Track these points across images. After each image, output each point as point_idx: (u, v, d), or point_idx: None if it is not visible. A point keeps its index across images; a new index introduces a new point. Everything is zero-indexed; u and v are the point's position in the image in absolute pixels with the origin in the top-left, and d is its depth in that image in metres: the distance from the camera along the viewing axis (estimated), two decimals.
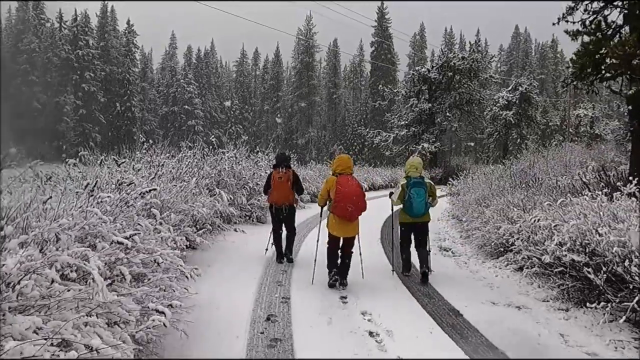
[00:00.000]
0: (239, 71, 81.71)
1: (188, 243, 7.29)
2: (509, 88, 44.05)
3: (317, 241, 7.17)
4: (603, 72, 10.76)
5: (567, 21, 11.49)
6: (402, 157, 34.23)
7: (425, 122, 32.52)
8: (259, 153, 14.62)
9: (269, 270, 7.43)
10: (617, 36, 10.51)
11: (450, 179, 18.58)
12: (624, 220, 5.67)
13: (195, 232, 7.58)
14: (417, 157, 8.25)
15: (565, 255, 5.96)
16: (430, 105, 32.17)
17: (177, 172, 9.48)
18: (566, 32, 11.21)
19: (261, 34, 79.74)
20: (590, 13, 11.11)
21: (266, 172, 12.70)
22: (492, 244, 8.46)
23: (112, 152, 10.11)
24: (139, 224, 4.63)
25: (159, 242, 4.99)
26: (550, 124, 49.37)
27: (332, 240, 6.74)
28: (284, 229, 8.16)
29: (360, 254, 7.01)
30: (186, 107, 68.87)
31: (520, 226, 7.99)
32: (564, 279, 6.21)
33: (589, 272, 5.44)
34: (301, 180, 8.53)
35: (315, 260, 6.95)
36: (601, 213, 6.04)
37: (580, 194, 9.68)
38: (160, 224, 5.47)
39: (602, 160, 25.60)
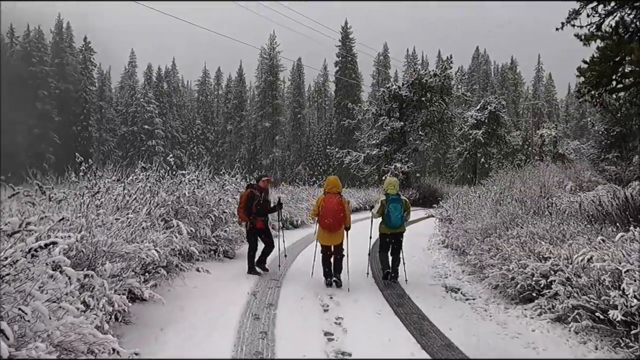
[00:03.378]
0: (201, 90, 79.51)
1: (133, 296, 5.45)
2: (478, 107, 43.57)
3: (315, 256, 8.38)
4: (618, 81, 9.56)
5: (573, 25, 10.24)
6: (374, 177, 32.82)
7: (397, 142, 31.23)
8: (225, 175, 12.76)
9: (244, 333, 5.59)
10: (636, 39, 9.32)
11: (435, 204, 17.22)
12: None
13: (143, 282, 5.71)
14: (393, 177, 9.57)
15: None
16: (401, 123, 30.93)
17: (123, 201, 7.57)
18: (576, 36, 9.92)
19: (224, 53, 77.88)
20: (603, 15, 9.91)
21: (234, 198, 11.06)
22: (517, 285, 6.87)
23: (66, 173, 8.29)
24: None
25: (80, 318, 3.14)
26: (512, 143, 49.03)
27: (323, 249, 8.11)
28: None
29: (348, 262, 8.07)
30: (146, 126, 66.12)
31: (552, 264, 6.48)
32: None
33: None
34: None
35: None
36: None
37: (604, 223, 8.33)
38: (81, 287, 3.61)
39: (579, 180, 24.88)
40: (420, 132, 31.65)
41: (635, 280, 4.74)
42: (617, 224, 7.15)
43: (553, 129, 46.35)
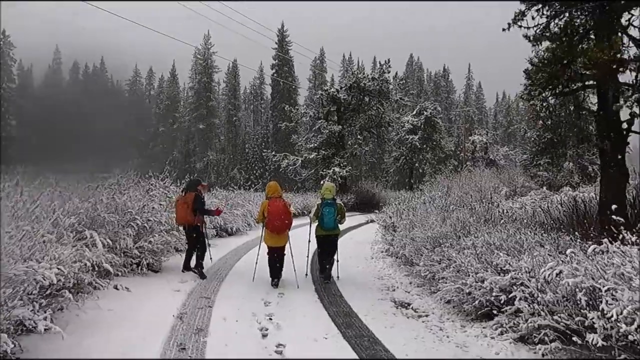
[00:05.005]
0: (131, 90, 76.14)
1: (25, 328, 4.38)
2: (414, 112, 43.97)
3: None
4: (564, 85, 9.31)
5: (520, 26, 9.94)
6: (312, 181, 32.14)
7: (335, 145, 30.70)
8: (152, 178, 11.57)
9: None
10: (585, 42, 9.09)
11: (376, 210, 16.75)
12: None
13: (39, 310, 4.62)
14: (330, 181, 10.25)
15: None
16: (340, 127, 30.43)
17: (23, 208, 6.35)
18: (525, 36, 9.62)
19: (156, 52, 74.98)
20: (549, 17, 9.65)
21: (160, 204, 10.01)
22: (475, 301, 6.28)
23: None
24: None
25: None
26: (446, 149, 50.06)
27: (269, 251, 8.51)
28: None
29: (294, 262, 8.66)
30: None
31: (513, 278, 5.94)
32: None
33: None
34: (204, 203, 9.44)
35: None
36: None
37: (559, 230, 7.96)
38: None
39: (513, 186, 25.32)
40: (358, 136, 31.30)
41: (617, 301, 4.19)
42: (576, 233, 6.75)
43: (484, 136, 47.56)
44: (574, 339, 4.58)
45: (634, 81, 8.27)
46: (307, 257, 9.30)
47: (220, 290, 7.90)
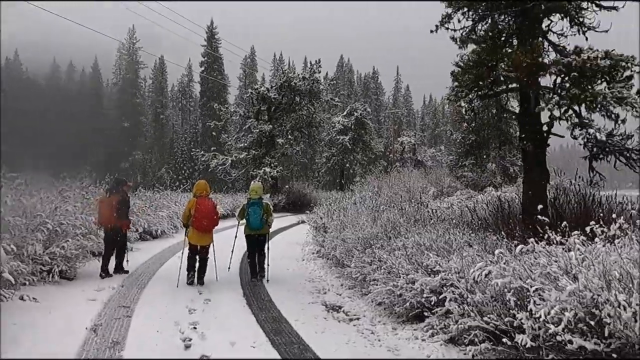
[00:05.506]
0: (49, 85, 71.84)
1: None
2: (345, 113, 44.31)
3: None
4: (489, 87, 9.52)
5: (447, 29, 10.09)
6: (242, 182, 31.58)
7: (266, 145, 30.27)
8: (67, 179, 10.79)
9: None
10: (509, 45, 9.34)
11: (307, 210, 16.58)
12: None
13: None
14: (258, 182, 10.47)
15: (567, 339, 3.87)
16: (270, 126, 30.05)
17: None
18: (452, 38, 9.77)
19: (76, 45, 71.10)
20: (475, 20, 9.84)
21: (75, 206, 9.36)
22: (406, 303, 6.21)
23: None
24: None
25: None
26: (375, 150, 50.88)
27: (191, 248, 8.49)
28: None
29: (215, 260, 8.78)
30: None
31: (443, 279, 5.93)
32: None
33: None
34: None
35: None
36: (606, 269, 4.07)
37: (486, 230, 8.10)
38: None
39: (440, 186, 26.03)
40: (289, 136, 31.04)
41: (544, 301, 4.20)
42: (502, 233, 6.86)
43: (412, 137, 48.73)
44: (504, 339, 4.57)
45: (554, 84, 8.57)
46: (232, 251, 9.54)
47: (142, 297, 7.41)
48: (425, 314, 5.97)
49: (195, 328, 5.98)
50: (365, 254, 7.95)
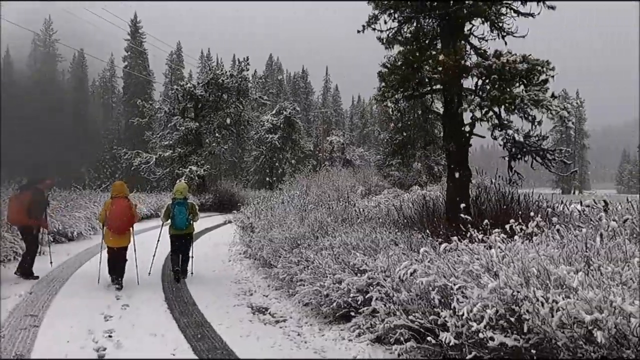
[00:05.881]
0: None
1: None
2: (274, 112, 44.09)
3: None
4: (414, 88, 9.69)
5: (374, 29, 10.17)
6: (168, 181, 30.57)
7: (192, 143, 29.49)
8: None
9: None
10: (433, 47, 9.54)
11: (235, 210, 16.26)
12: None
13: None
14: (184, 182, 10.56)
15: (488, 336, 3.93)
16: (197, 124, 29.30)
17: None
18: (379, 39, 9.87)
19: None
20: (400, 22, 9.98)
21: None
22: (333, 303, 6.15)
23: None
24: None
25: None
26: (305, 148, 51.12)
27: (109, 250, 8.24)
28: None
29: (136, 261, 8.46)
30: None
31: (369, 278, 5.92)
32: None
33: None
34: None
35: None
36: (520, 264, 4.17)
37: (412, 228, 8.22)
38: None
39: (368, 185, 26.42)
40: (216, 134, 30.41)
41: (467, 298, 4.26)
42: (427, 231, 6.96)
43: (341, 136, 49.28)
44: (428, 337, 4.59)
45: (476, 87, 8.84)
46: (154, 253, 9.23)
47: (52, 305, 6.90)
48: (352, 313, 5.94)
49: (110, 336, 5.62)
50: (292, 254, 7.83)
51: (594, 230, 4.82)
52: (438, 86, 9.66)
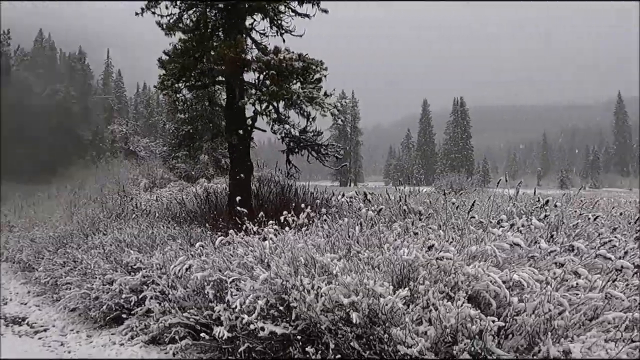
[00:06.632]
0: None
1: None
2: (43, 94, 39.30)
3: None
4: (196, 78, 9.53)
5: (154, 13, 9.67)
6: None
7: None
8: None
9: None
10: (216, 38, 9.41)
11: None
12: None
13: None
14: None
15: (259, 326, 4.01)
16: None
17: None
18: (158, 24, 9.39)
19: None
20: (182, 8, 9.65)
21: None
22: (103, 306, 5.68)
23: None
24: None
25: None
26: (82, 139, 46.89)
27: None
28: None
29: None
30: None
31: (144, 277, 5.63)
32: None
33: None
34: None
35: None
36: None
37: (192, 222, 8.03)
38: None
39: (153, 177, 25.39)
40: None
41: (240, 291, 4.29)
42: (207, 225, 6.88)
43: (124, 126, 46.33)
44: (203, 334, 4.51)
45: (257, 81, 9.03)
46: None
47: None
48: (124, 315, 5.55)
49: None
50: (57, 255, 7.05)
51: (356, 219, 5.28)
52: (222, 78, 9.64)
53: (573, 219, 6.01)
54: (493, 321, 3.16)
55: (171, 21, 9.50)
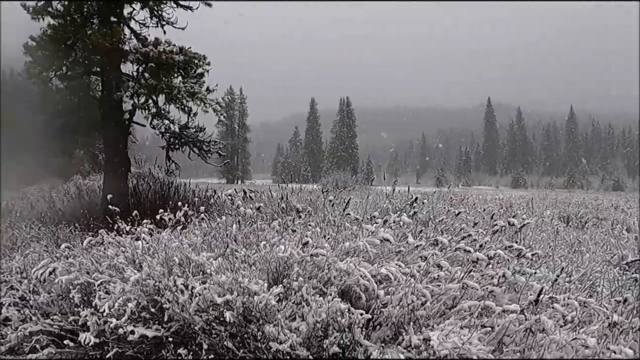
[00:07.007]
0: None
1: None
2: None
3: None
4: (69, 67, 8.90)
5: None
6: None
7: None
8: None
9: None
10: (90, 26, 8.81)
11: None
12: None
13: None
14: None
15: (129, 330, 3.84)
16: None
17: None
18: (24, 7, 8.61)
19: None
20: None
21: None
22: None
23: None
24: None
25: None
26: None
27: None
28: None
29: None
30: None
31: (1, 282, 5.17)
32: None
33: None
34: None
35: None
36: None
37: (61, 222, 7.48)
38: None
39: (21, 173, 23.36)
40: None
41: (109, 294, 4.07)
42: (76, 225, 6.45)
43: None
44: (66, 341, 4.22)
45: (136, 73, 8.62)
46: None
47: None
48: None
49: None
50: None
51: (235, 217, 5.23)
52: (98, 68, 9.10)
53: (442, 215, 6.46)
54: (361, 314, 3.29)
55: (38, 4, 8.77)
